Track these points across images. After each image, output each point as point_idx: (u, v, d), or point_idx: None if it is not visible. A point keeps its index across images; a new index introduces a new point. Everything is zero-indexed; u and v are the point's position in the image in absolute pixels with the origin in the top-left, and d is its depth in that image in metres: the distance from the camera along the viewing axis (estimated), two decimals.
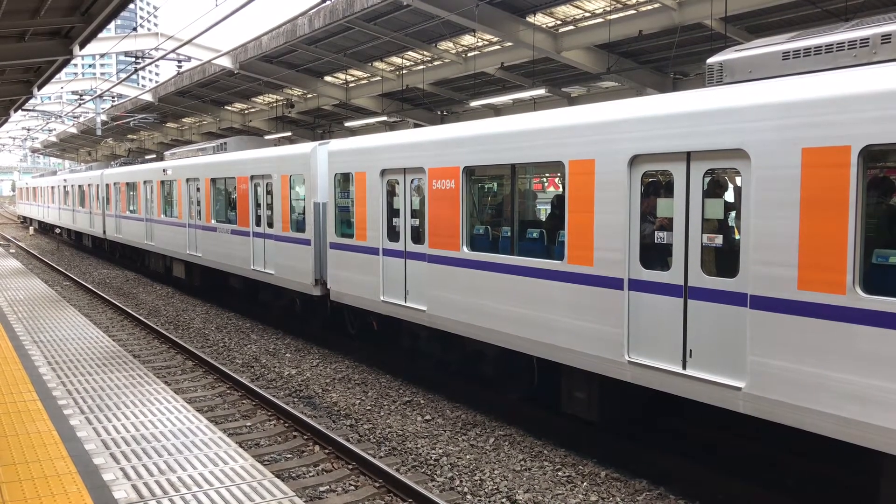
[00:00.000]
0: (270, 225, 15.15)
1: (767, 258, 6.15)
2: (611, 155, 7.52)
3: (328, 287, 13.04)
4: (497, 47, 19.10)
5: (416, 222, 10.72)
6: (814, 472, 7.49)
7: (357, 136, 12.85)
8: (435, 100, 24.91)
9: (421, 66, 21.85)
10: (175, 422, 6.73)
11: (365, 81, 24.67)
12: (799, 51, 6.43)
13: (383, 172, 11.30)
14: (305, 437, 9.08)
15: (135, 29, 23.13)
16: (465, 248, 9.66)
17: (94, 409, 7.09)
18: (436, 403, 10.38)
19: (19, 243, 38.70)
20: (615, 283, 7.52)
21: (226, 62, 22.78)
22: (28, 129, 51.06)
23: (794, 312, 5.98)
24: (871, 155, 5.65)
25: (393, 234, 11.21)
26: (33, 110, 39.40)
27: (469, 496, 7.40)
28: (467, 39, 19.05)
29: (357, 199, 11.95)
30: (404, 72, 22.32)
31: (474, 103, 21.29)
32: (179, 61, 23.66)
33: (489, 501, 7.32)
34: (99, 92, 31.84)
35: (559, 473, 7.91)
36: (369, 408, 10.29)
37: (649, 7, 15.04)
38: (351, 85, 25.38)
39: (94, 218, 30.07)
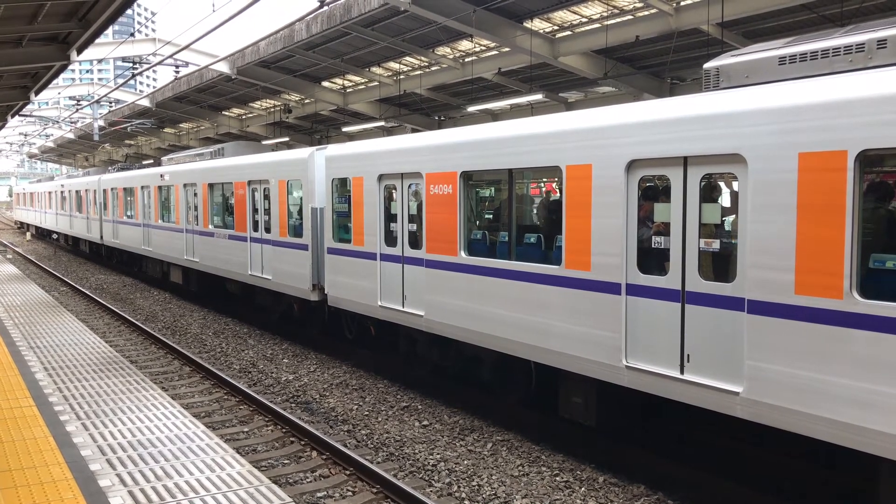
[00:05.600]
0: (268, 230, 15.15)
1: (765, 263, 6.16)
2: (608, 160, 7.53)
3: (326, 292, 13.03)
4: (494, 52, 19.14)
5: (414, 227, 10.72)
6: (811, 475, 7.49)
7: (354, 142, 12.86)
8: (432, 105, 24.95)
9: (418, 72, 21.89)
10: (172, 427, 6.72)
11: (362, 87, 24.71)
12: (795, 56, 6.44)
13: (381, 177, 11.30)
14: (303, 442, 9.06)
15: (132, 34, 23.19)
16: (462, 253, 9.66)
17: (91, 414, 7.07)
18: (433, 409, 10.36)
19: (16, 249, 38.64)
20: (612, 288, 7.52)
21: (223, 67, 22.80)
22: (25, 135, 51.02)
23: (791, 317, 5.99)
24: (868, 159, 5.66)
25: (390, 239, 11.21)
26: (30, 116, 39.41)
27: (467, 501, 7.39)
28: (465, 45, 19.09)
29: (354, 205, 11.95)
30: (402, 77, 22.35)
31: (472, 108, 21.33)
32: (177, 67, 23.68)
33: None
34: (96, 97, 31.85)
35: (557, 479, 7.90)
36: (367, 413, 10.27)
37: (646, 12, 15.09)
38: (348, 90, 25.41)
39: (92, 223, 30.04)
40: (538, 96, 19.38)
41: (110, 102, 34.85)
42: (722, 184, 7.12)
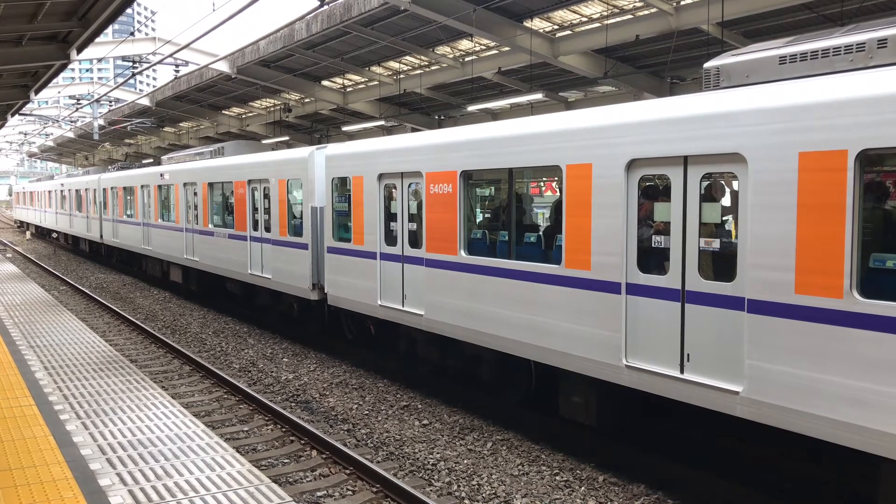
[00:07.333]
0: (268, 229, 15.14)
1: (765, 262, 6.16)
2: (608, 159, 7.53)
3: (325, 291, 13.03)
4: (494, 52, 19.14)
5: (414, 226, 10.72)
6: (811, 475, 7.49)
7: (354, 141, 12.86)
8: (432, 104, 24.94)
9: (418, 71, 21.88)
10: (172, 426, 6.71)
11: (362, 86, 24.70)
12: (795, 55, 6.44)
13: (381, 177, 11.30)
14: (303, 441, 9.06)
15: (132, 33, 23.18)
16: (462, 253, 9.66)
17: (91, 413, 7.07)
18: (433, 408, 10.36)
19: (16, 248, 38.63)
20: (613, 287, 7.52)
21: (223, 67, 22.79)
22: (25, 134, 51.01)
23: (791, 316, 5.98)
24: (868, 159, 5.66)
25: (390, 238, 11.21)
26: (30, 115, 39.40)
27: (467, 501, 7.39)
28: (465, 44, 19.08)
29: (354, 204, 11.95)
30: (402, 76, 22.34)
31: (472, 108, 21.32)
32: (177, 66, 23.66)
33: None
34: (96, 96, 31.84)
35: (557, 478, 7.90)
36: (367, 412, 10.27)
37: (646, 12, 15.08)
38: (349, 89, 25.40)
39: (91, 222, 30.04)
40: (538, 96, 19.37)
41: (110, 101, 34.84)
42: (722, 183, 7.11)
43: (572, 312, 7.99)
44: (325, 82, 24.82)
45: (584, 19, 16.30)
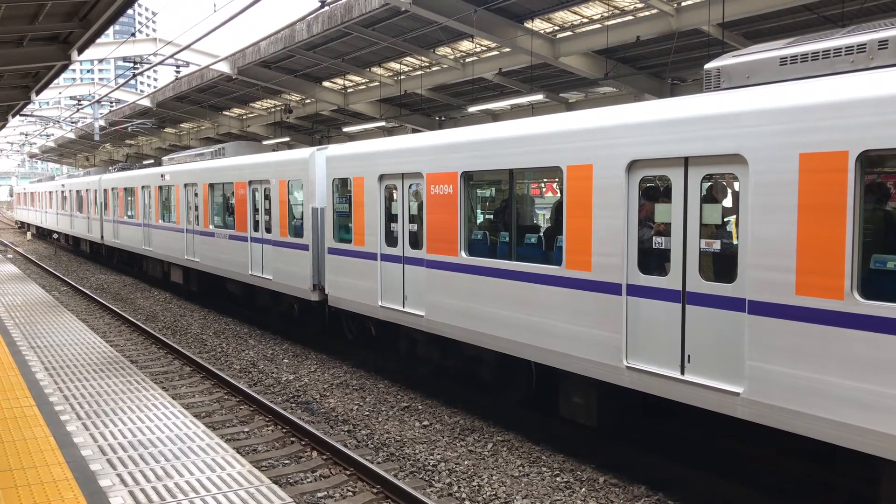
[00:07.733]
0: (269, 230, 15.15)
1: (765, 263, 6.16)
2: (608, 160, 7.53)
3: (326, 292, 13.03)
4: (495, 53, 19.14)
5: (415, 227, 10.72)
6: (812, 476, 7.49)
7: (355, 142, 12.86)
8: (433, 105, 24.94)
9: (419, 72, 21.89)
10: (172, 427, 6.72)
11: (363, 87, 24.70)
12: (796, 56, 6.44)
13: (381, 178, 11.30)
14: (303, 442, 9.06)
15: (133, 34, 23.18)
16: (463, 254, 9.66)
17: (91, 414, 7.07)
18: (434, 409, 10.36)
19: (17, 248, 38.64)
20: (613, 289, 7.52)
21: (224, 67, 22.80)
22: (26, 135, 51.04)
23: (792, 318, 5.98)
24: (869, 160, 5.66)
25: (391, 239, 11.21)
26: (31, 115, 39.42)
27: (467, 502, 7.38)
28: (465, 45, 19.08)
29: (355, 205, 11.95)
30: (402, 77, 22.35)
31: (472, 109, 21.32)
32: (178, 66, 23.68)
33: None
34: (97, 97, 31.86)
35: (557, 479, 7.90)
36: (367, 413, 10.27)
37: (647, 13, 15.08)
38: (349, 90, 25.41)
39: (92, 223, 30.06)
40: (539, 97, 19.37)
41: (111, 102, 34.87)
42: (723, 184, 7.12)
43: (573, 313, 7.99)
44: (325, 83, 24.83)
45: (585, 20, 16.31)
